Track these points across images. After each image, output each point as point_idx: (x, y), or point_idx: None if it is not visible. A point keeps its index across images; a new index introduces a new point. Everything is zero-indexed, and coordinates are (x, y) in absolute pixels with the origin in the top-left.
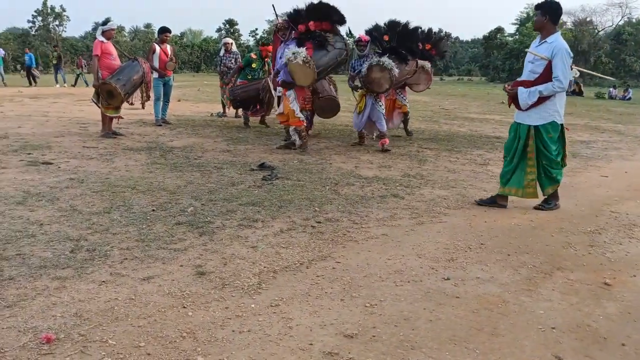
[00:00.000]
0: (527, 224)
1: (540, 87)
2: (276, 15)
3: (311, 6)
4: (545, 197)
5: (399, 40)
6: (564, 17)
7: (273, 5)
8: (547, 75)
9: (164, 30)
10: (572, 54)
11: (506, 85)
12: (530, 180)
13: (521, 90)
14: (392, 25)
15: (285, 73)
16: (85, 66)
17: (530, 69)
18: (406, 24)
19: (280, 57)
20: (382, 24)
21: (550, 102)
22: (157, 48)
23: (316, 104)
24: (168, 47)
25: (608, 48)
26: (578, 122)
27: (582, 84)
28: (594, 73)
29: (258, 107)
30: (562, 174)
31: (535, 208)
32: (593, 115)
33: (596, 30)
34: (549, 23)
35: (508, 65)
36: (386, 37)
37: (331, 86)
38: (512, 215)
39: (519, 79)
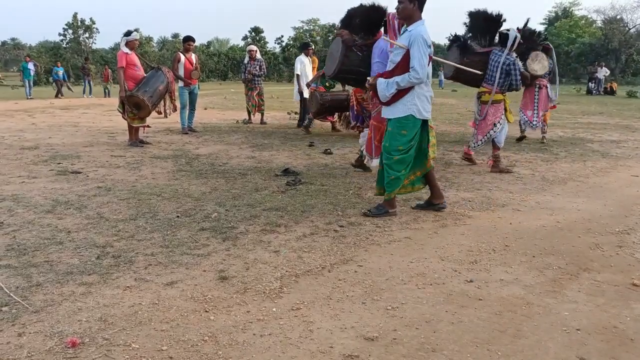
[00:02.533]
0: (553, 225)
1: (397, 78)
2: None
3: None
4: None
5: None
6: (593, 16)
7: None
8: (404, 65)
9: (187, 39)
10: (430, 43)
11: (369, 78)
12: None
13: (380, 81)
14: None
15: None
16: (110, 77)
17: (390, 58)
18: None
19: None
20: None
21: (409, 95)
22: (182, 57)
23: None
24: (193, 56)
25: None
26: (609, 122)
27: (615, 83)
28: (453, 64)
29: (343, 114)
30: (399, 181)
31: (364, 214)
32: (624, 115)
33: (627, 28)
34: (416, 10)
35: None
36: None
37: None
38: (538, 217)
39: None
